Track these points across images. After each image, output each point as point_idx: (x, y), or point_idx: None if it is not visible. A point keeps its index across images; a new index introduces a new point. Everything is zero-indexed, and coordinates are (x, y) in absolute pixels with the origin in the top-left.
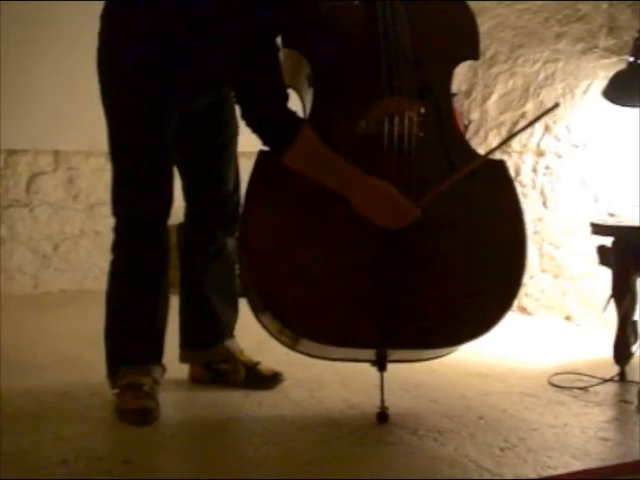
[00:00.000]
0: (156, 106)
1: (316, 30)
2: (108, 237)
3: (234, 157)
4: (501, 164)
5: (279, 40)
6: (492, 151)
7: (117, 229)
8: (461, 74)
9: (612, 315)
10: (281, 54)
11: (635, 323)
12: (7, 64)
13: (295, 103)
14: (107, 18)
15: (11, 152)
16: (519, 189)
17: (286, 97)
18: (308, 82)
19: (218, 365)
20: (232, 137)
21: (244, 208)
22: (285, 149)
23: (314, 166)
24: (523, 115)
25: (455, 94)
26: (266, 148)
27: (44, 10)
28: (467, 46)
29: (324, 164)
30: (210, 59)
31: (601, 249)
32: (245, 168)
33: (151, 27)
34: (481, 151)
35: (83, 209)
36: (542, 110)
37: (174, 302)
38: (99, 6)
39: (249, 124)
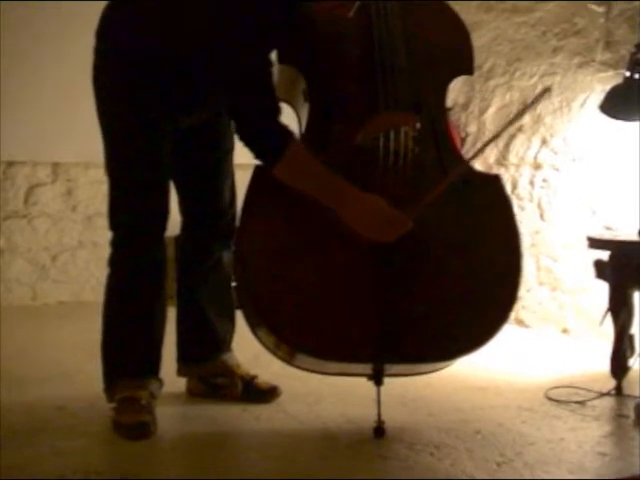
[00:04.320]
0: (151, 122)
1: (312, 46)
2: (106, 248)
3: (230, 171)
4: (496, 179)
5: (274, 55)
6: (478, 153)
7: (114, 243)
8: (458, 87)
9: (609, 328)
10: (277, 69)
11: (632, 337)
12: (6, 77)
13: (289, 117)
14: (102, 35)
15: (10, 164)
16: (516, 202)
17: (277, 111)
18: (304, 97)
19: (215, 379)
20: (228, 151)
21: (240, 222)
22: (274, 163)
23: (303, 180)
24: (520, 128)
25: (450, 108)
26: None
27: (43, 23)
28: (462, 61)
29: (313, 178)
30: (204, 75)
31: (598, 263)
32: (241, 180)
33: (146, 44)
34: (478, 164)
35: (81, 220)
36: (532, 98)
37: (172, 314)
38: (98, 18)
39: (241, 138)
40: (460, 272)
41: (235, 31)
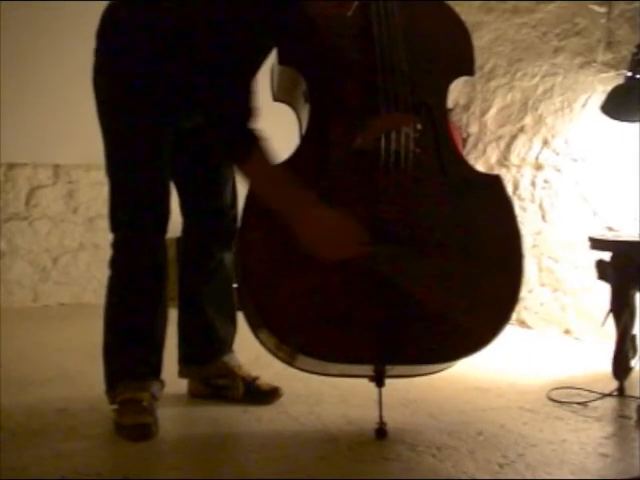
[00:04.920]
0: (152, 123)
1: (312, 47)
2: (107, 250)
3: (231, 172)
4: (497, 179)
5: (275, 56)
6: None
7: (115, 245)
8: (459, 88)
9: (611, 329)
10: (277, 70)
11: (634, 337)
12: (7, 79)
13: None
14: (102, 36)
15: (11, 165)
16: (518, 203)
17: (249, 116)
18: (304, 98)
19: (217, 380)
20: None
21: (241, 224)
22: (238, 163)
23: (264, 186)
24: (522, 129)
25: (451, 109)
26: None
27: (43, 25)
28: (462, 62)
29: (274, 186)
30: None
31: (600, 264)
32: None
33: (146, 46)
34: (480, 164)
35: (82, 222)
36: None
37: (173, 315)
38: (98, 19)
39: (211, 132)
40: (461, 273)
41: (213, 33)
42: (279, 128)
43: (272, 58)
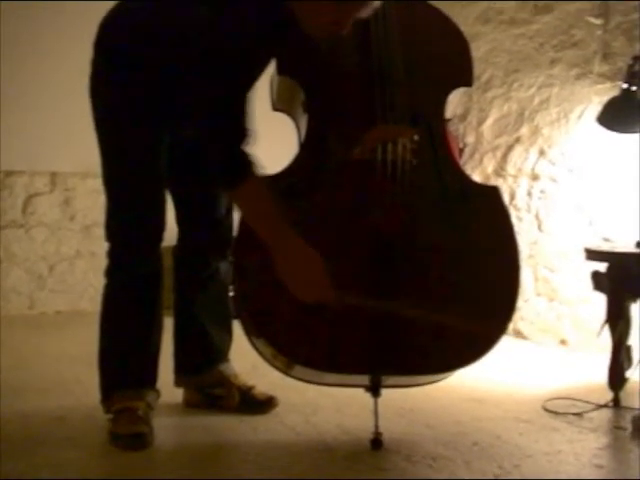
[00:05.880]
0: (148, 133)
1: (310, 57)
2: (104, 258)
3: None
4: (494, 190)
5: (274, 66)
6: None
7: (111, 254)
8: (456, 98)
9: (607, 340)
10: (276, 80)
11: (629, 348)
12: (4, 86)
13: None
14: (99, 46)
15: (8, 173)
16: (514, 213)
17: (244, 138)
18: (303, 108)
19: (212, 389)
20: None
21: (238, 232)
22: (228, 189)
23: (251, 215)
24: (518, 139)
25: (449, 119)
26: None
27: (41, 32)
28: (460, 73)
29: (261, 216)
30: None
31: (595, 275)
32: None
33: (143, 57)
34: (476, 174)
35: (79, 230)
36: None
37: (169, 324)
38: (96, 27)
39: (202, 156)
40: (458, 284)
41: (210, 56)
42: (278, 137)
43: (271, 68)
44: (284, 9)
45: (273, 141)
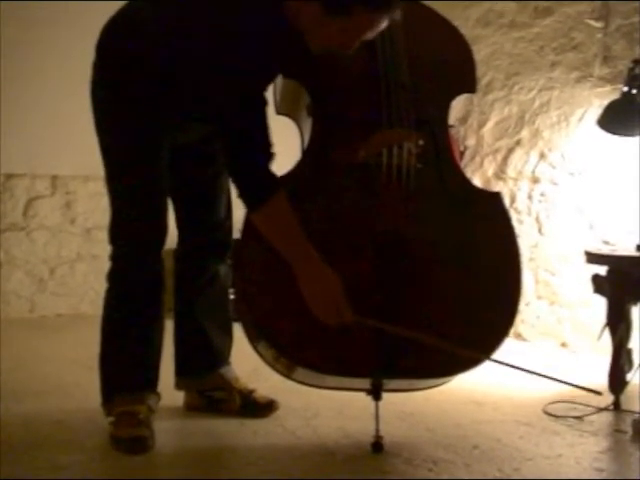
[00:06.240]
0: (149, 137)
1: (316, 61)
2: (105, 261)
3: (226, 185)
4: (497, 196)
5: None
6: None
7: (114, 258)
8: (459, 104)
9: (607, 343)
10: (281, 83)
11: (630, 351)
12: (5, 89)
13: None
14: (101, 50)
15: (9, 176)
16: (514, 216)
17: (270, 157)
18: (307, 112)
19: (213, 393)
20: (223, 166)
21: (241, 235)
22: (253, 209)
23: (276, 233)
24: (519, 142)
25: (452, 125)
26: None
27: (41, 35)
28: (465, 80)
29: (286, 235)
30: (204, 101)
31: (596, 278)
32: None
33: (145, 61)
34: (477, 177)
35: (80, 233)
36: None
37: (170, 327)
38: (98, 31)
39: (230, 173)
40: (459, 288)
41: (231, 75)
42: (281, 141)
43: None
44: (286, 20)
45: (275, 144)
